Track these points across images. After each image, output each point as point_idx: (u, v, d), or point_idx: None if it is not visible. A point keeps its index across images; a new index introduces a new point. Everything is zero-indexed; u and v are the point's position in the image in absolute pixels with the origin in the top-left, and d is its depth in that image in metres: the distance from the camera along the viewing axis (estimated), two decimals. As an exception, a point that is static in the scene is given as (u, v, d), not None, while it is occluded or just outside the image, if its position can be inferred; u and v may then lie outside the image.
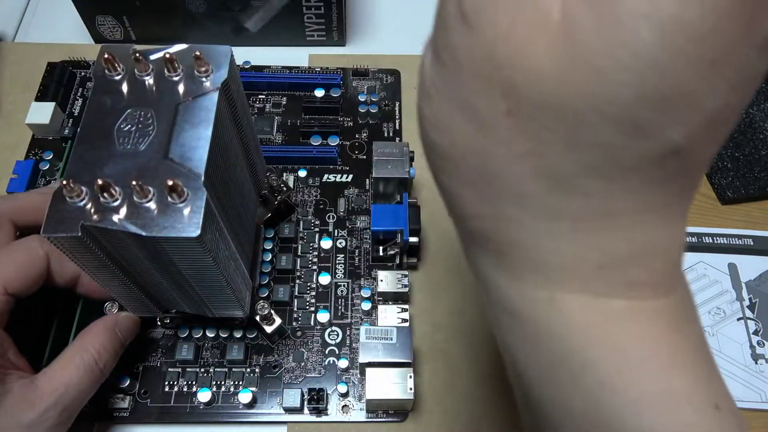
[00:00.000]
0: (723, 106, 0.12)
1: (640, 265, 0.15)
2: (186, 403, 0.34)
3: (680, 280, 0.16)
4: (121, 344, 0.31)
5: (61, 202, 0.24)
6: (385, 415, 0.34)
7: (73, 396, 0.28)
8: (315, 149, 0.42)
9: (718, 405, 0.15)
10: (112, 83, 0.27)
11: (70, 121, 0.43)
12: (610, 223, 0.14)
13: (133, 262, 0.27)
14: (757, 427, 0.35)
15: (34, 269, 0.29)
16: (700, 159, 0.14)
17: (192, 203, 0.24)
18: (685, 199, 0.15)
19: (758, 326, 0.38)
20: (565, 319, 0.16)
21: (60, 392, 0.27)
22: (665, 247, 0.15)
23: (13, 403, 0.26)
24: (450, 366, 0.36)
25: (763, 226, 0.41)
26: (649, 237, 0.15)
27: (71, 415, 0.28)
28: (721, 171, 0.42)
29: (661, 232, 0.15)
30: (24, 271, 0.29)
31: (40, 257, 0.29)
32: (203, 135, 0.26)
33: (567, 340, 0.16)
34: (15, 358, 0.29)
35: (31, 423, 0.26)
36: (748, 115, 0.44)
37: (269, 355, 0.35)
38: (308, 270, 0.38)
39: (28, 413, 0.26)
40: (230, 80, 0.28)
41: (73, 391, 0.28)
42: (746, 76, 0.12)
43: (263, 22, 0.26)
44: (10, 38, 0.49)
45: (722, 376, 0.16)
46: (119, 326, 0.31)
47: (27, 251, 0.29)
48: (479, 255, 0.17)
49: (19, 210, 0.31)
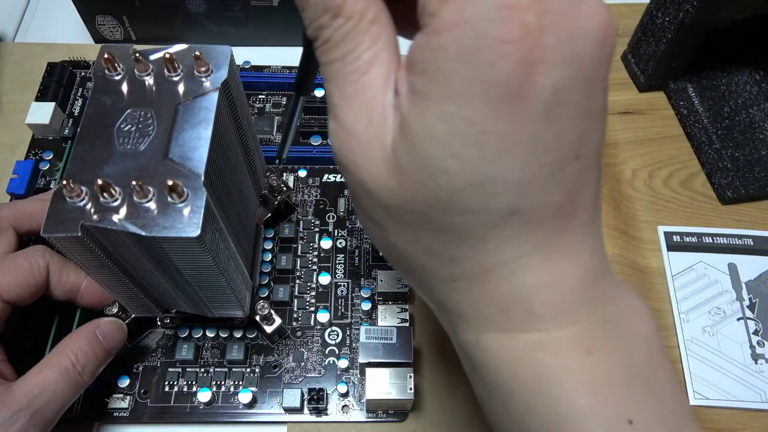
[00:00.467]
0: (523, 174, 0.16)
1: (535, 301, 0.17)
2: (186, 403, 0.34)
3: (596, 304, 0.18)
4: (103, 349, 0.30)
5: (61, 202, 0.24)
6: (385, 415, 0.34)
7: (47, 399, 0.27)
8: (315, 149, 0.42)
9: (631, 420, 0.17)
10: (112, 83, 0.27)
11: (70, 121, 0.43)
12: (493, 274, 0.17)
13: (133, 262, 0.27)
14: (757, 427, 0.35)
15: (32, 279, 0.29)
16: (549, 204, 0.16)
17: (192, 203, 0.24)
18: (570, 234, 0.17)
19: (758, 326, 0.38)
20: (490, 356, 0.18)
21: (33, 394, 0.27)
22: (555, 282, 0.17)
23: None
24: (450, 366, 0.36)
25: (763, 226, 0.41)
26: (534, 277, 0.17)
27: (46, 419, 0.27)
28: (721, 171, 0.42)
29: (545, 270, 0.17)
30: (23, 280, 0.29)
31: (41, 268, 0.30)
32: (203, 135, 0.26)
33: (494, 373, 0.18)
34: (1, 365, 0.29)
35: (2, 424, 0.26)
36: (749, 115, 0.44)
37: (269, 355, 0.35)
38: (308, 270, 0.38)
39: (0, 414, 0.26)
40: (230, 80, 0.28)
41: (47, 393, 0.27)
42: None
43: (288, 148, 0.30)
44: (10, 38, 0.49)
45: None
46: (101, 330, 0.30)
47: (28, 261, 0.29)
48: (433, 310, 0.21)
49: (20, 216, 0.31)
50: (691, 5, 0.38)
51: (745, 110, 0.44)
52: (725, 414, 0.35)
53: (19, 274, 0.29)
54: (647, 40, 0.44)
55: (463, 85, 0.14)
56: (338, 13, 0.16)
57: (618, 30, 0.49)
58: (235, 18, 0.46)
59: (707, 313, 0.38)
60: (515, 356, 0.18)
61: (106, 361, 0.31)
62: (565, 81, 0.15)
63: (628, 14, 0.49)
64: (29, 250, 0.30)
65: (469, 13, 0.14)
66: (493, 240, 0.16)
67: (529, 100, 0.15)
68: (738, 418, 0.35)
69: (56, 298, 0.31)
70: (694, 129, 0.44)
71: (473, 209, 0.16)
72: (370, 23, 0.16)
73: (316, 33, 0.17)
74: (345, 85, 0.17)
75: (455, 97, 0.15)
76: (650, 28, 0.43)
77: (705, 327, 0.38)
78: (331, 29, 0.16)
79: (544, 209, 0.16)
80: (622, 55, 0.48)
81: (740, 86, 0.45)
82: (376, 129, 0.17)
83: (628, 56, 0.47)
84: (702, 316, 0.38)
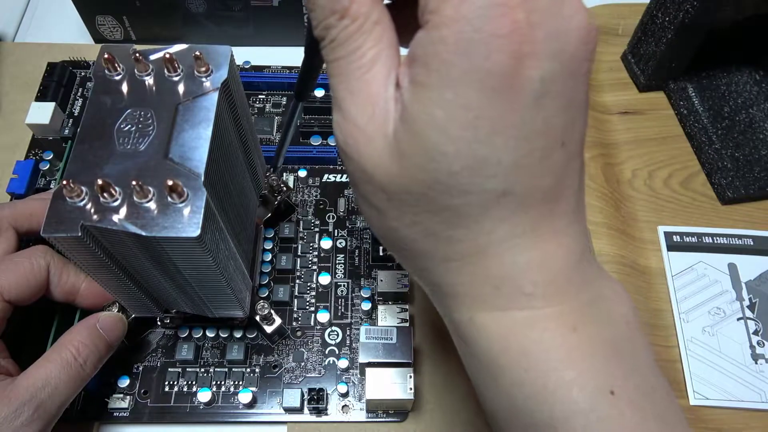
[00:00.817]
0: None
1: (525, 280, 0.18)
2: (186, 403, 0.34)
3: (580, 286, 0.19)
4: (105, 342, 0.30)
5: (61, 202, 0.24)
6: (385, 415, 0.34)
7: (49, 392, 0.27)
8: (315, 149, 0.42)
9: (613, 390, 0.18)
10: (112, 83, 0.27)
11: (70, 121, 0.43)
12: (487, 254, 0.18)
13: (133, 262, 0.27)
14: (757, 427, 0.35)
15: (33, 279, 0.29)
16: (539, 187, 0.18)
17: (192, 203, 0.24)
18: (557, 218, 0.18)
19: (758, 326, 0.38)
20: (482, 333, 0.19)
21: (36, 387, 0.27)
22: (544, 263, 0.18)
23: None
24: (450, 366, 0.36)
25: (763, 226, 0.41)
26: (525, 257, 0.18)
27: (49, 412, 0.28)
28: (721, 171, 0.42)
29: (535, 251, 0.18)
30: (24, 279, 0.29)
31: (42, 268, 0.30)
32: (203, 135, 0.26)
33: (486, 349, 0.19)
34: (6, 362, 0.29)
35: (5, 418, 0.26)
36: (749, 115, 0.44)
37: (269, 355, 0.35)
38: (308, 270, 0.38)
39: (3, 409, 0.26)
40: (230, 80, 0.28)
41: (49, 387, 0.27)
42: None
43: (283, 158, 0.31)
44: (10, 38, 0.49)
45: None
46: (101, 324, 0.30)
47: (29, 260, 0.30)
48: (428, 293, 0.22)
49: (20, 215, 0.31)
50: (691, 5, 0.38)
51: (745, 110, 0.44)
52: (725, 414, 0.35)
53: (20, 273, 0.29)
54: (647, 40, 0.44)
55: (460, 75, 0.16)
56: (345, 14, 0.17)
57: (618, 30, 0.49)
58: (235, 18, 0.46)
59: (707, 313, 0.38)
60: (506, 333, 0.19)
61: (107, 354, 0.31)
62: (552, 73, 0.16)
63: (628, 14, 0.49)
64: (30, 250, 0.30)
65: (466, 10, 0.15)
66: (487, 221, 0.18)
67: (519, 88, 0.16)
68: (738, 418, 0.35)
69: (55, 299, 0.31)
70: (694, 129, 0.44)
71: (469, 190, 0.17)
72: (374, 24, 0.18)
73: (324, 33, 0.18)
74: (350, 81, 0.18)
75: (453, 85, 0.16)
76: (650, 28, 0.43)
77: (705, 327, 0.38)
78: (338, 29, 0.18)
79: (533, 192, 0.18)
80: (622, 55, 0.48)
81: (740, 86, 0.45)
82: (378, 120, 0.18)
83: (628, 56, 0.47)
84: (702, 316, 0.38)
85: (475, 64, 0.16)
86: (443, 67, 0.16)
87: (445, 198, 0.18)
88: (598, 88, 0.47)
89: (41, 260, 0.30)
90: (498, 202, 0.18)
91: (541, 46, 0.16)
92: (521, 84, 0.16)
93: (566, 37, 0.16)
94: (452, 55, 0.16)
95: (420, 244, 0.19)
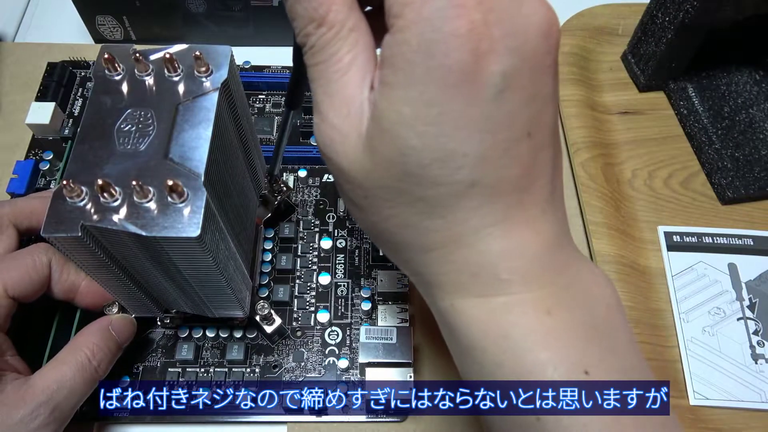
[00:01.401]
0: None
1: (501, 268, 0.19)
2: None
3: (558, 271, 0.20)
4: (116, 344, 0.31)
5: (61, 202, 0.24)
6: (385, 415, 0.34)
7: (65, 394, 0.28)
8: (315, 149, 0.42)
9: (587, 371, 0.19)
10: (112, 83, 0.27)
11: (70, 121, 0.43)
12: (463, 243, 0.19)
13: (133, 262, 0.27)
14: (757, 427, 0.35)
15: (36, 275, 0.29)
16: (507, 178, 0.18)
17: (192, 203, 0.24)
18: (529, 207, 0.19)
19: (758, 326, 0.38)
20: (464, 319, 0.20)
21: (52, 390, 0.27)
22: (518, 251, 0.19)
23: (5, 401, 0.26)
24: (450, 366, 0.36)
25: (763, 226, 0.41)
26: (499, 246, 0.19)
27: (64, 414, 0.28)
28: (721, 171, 0.42)
29: (509, 239, 0.19)
30: (27, 276, 0.29)
31: (44, 264, 0.30)
32: (203, 135, 0.26)
33: (468, 334, 0.20)
34: (13, 360, 0.29)
35: (22, 419, 0.26)
36: (749, 115, 0.44)
37: (269, 355, 0.35)
38: (308, 270, 0.38)
39: (20, 410, 0.26)
40: (230, 80, 0.28)
41: (65, 389, 0.28)
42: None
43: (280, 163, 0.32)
44: (10, 38, 0.49)
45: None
46: (114, 326, 0.31)
47: (31, 257, 0.30)
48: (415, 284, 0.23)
49: (20, 213, 0.31)
50: (691, 5, 0.38)
51: (745, 110, 0.44)
52: (725, 414, 0.35)
53: (23, 270, 0.29)
54: (647, 40, 0.44)
55: (423, 73, 0.17)
56: (322, 22, 0.19)
57: (618, 30, 0.49)
58: (235, 18, 0.46)
59: (707, 313, 0.38)
60: (486, 318, 0.20)
61: (118, 355, 0.31)
62: (512, 68, 0.17)
63: (628, 14, 0.49)
64: (32, 247, 0.30)
65: (426, 12, 0.17)
66: (460, 211, 0.19)
67: (480, 84, 0.17)
68: (738, 418, 0.35)
69: (55, 296, 0.31)
70: (694, 129, 0.44)
71: (440, 182, 0.18)
72: (350, 31, 0.19)
73: (304, 40, 0.19)
74: (328, 84, 0.19)
75: (417, 83, 0.17)
76: (650, 28, 0.43)
77: (705, 327, 0.38)
78: (316, 36, 0.19)
79: (502, 182, 0.19)
80: (622, 55, 0.48)
81: (740, 86, 0.45)
82: (353, 120, 0.19)
83: (628, 56, 0.47)
84: (702, 316, 0.38)
85: (436, 63, 0.17)
86: (407, 67, 0.17)
87: (417, 190, 0.19)
88: (598, 88, 0.47)
89: (43, 257, 0.30)
90: (468, 193, 0.18)
91: (499, 43, 0.17)
92: (482, 80, 0.17)
93: (525, 33, 0.17)
94: (415, 55, 0.17)
95: (400, 237, 0.20)
